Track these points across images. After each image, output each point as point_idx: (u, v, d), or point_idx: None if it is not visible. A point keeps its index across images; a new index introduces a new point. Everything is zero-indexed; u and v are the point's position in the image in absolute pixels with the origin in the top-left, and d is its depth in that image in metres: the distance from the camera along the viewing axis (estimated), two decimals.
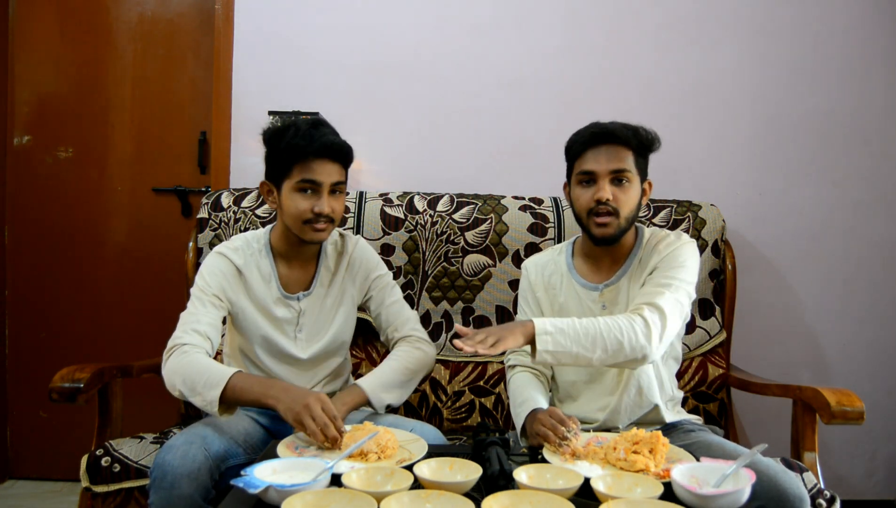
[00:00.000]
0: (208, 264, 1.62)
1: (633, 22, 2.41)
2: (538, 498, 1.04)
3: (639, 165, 1.55)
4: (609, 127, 1.53)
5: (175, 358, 1.45)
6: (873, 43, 2.43)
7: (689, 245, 1.57)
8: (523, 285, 1.74)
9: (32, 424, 2.58)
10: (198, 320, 1.52)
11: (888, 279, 2.46)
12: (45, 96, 2.55)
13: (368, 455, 1.25)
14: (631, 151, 1.53)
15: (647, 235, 1.64)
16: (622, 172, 1.52)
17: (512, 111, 2.41)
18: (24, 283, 2.56)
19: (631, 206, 1.54)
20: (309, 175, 1.52)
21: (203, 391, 1.38)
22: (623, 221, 1.53)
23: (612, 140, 1.52)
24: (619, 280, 1.60)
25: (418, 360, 1.64)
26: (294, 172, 1.53)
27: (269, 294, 1.62)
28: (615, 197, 1.51)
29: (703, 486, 1.11)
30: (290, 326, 1.64)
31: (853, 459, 2.48)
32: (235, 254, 1.62)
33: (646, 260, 1.59)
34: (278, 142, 1.54)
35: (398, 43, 2.40)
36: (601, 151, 1.52)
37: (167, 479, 1.29)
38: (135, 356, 2.00)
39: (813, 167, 2.44)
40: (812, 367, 2.47)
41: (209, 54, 2.45)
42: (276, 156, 1.56)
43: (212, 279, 1.58)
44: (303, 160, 1.52)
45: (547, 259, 1.73)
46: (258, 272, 1.62)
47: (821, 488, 1.60)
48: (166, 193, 2.53)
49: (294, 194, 1.54)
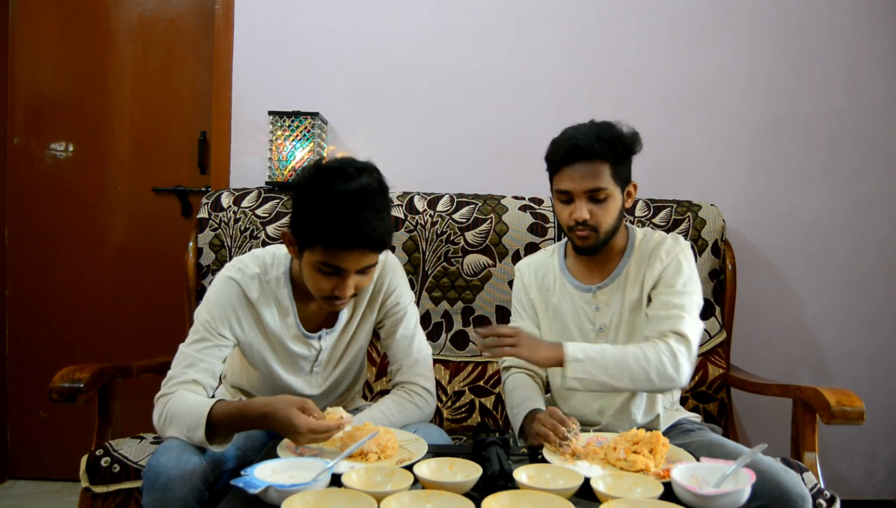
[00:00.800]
0: (218, 291, 1.45)
1: (633, 22, 2.41)
2: (538, 498, 1.04)
3: (618, 174, 1.51)
4: (581, 143, 1.48)
5: (157, 414, 1.36)
6: (873, 43, 2.43)
7: (687, 250, 1.58)
8: (517, 287, 1.74)
9: (32, 424, 2.58)
10: (191, 363, 1.39)
11: (888, 280, 2.46)
12: (45, 96, 2.55)
13: (368, 455, 1.24)
14: (607, 165, 1.49)
15: (639, 236, 1.63)
16: (598, 191, 1.49)
17: (512, 111, 2.41)
18: (24, 283, 2.56)
19: (610, 220, 1.53)
20: (334, 261, 1.31)
21: (191, 435, 1.30)
22: (602, 234, 1.53)
23: (585, 157, 1.48)
24: (612, 282, 1.60)
25: (410, 416, 1.51)
26: (317, 251, 1.31)
27: (285, 331, 1.48)
28: (593, 215, 1.50)
29: (703, 486, 1.11)
30: (305, 362, 1.53)
31: (853, 459, 2.48)
32: (251, 283, 1.45)
33: (641, 264, 1.58)
34: (306, 211, 1.31)
35: (398, 43, 2.40)
36: (576, 169, 1.49)
37: (160, 480, 1.26)
38: (135, 356, 2.00)
39: (813, 167, 2.44)
40: (812, 367, 2.47)
41: (209, 54, 2.45)
42: (301, 222, 1.32)
43: (218, 312, 1.43)
44: (330, 247, 1.30)
45: (540, 260, 1.73)
46: (275, 306, 1.47)
47: (821, 488, 1.60)
48: (166, 193, 2.53)
49: (315, 270, 1.34)
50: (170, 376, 1.40)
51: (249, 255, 1.51)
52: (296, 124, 2.24)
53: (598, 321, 1.61)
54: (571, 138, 1.50)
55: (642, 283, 1.57)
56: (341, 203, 1.27)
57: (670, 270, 1.54)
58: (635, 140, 1.53)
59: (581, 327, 1.63)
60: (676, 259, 1.55)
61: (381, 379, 2.07)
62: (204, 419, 1.28)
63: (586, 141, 1.48)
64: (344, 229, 1.27)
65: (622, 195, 1.54)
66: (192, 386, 1.37)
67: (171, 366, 1.41)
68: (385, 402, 1.52)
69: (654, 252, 1.57)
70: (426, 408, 1.55)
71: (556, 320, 1.66)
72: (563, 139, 1.53)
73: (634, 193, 1.59)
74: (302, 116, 2.24)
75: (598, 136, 1.48)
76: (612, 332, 1.60)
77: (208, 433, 1.29)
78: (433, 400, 1.58)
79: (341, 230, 1.27)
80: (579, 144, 1.48)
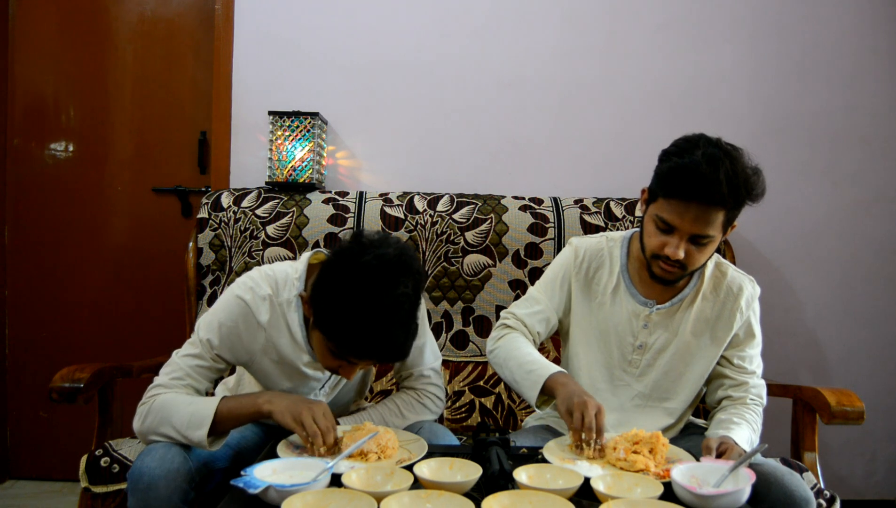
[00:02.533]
0: (226, 310, 1.37)
1: (632, 22, 2.41)
2: (538, 498, 1.04)
3: (728, 220, 1.36)
4: (710, 186, 1.29)
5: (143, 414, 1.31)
6: (873, 43, 2.43)
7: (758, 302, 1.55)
8: (563, 262, 1.59)
9: (32, 424, 2.58)
10: (182, 378, 1.35)
11: (888, 279, 2.46)
12: (45, 96, 2.55)
13: (368, 455, 1.24)
14: (724, 211, 1.33)
15: (710, 264, 1.52)
16: (705, 238, 1.35)
17: (512, 111, 2.41)
18: (24, 283, 2.56)
19: (703, 260, 1.42)
20: (348, 357, 1.27)
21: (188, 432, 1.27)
22: (689, 272, 1.43)
23: (707, 201, 1.30)
24: (672, 305, 1.51)
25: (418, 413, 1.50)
26: (333, 344, 1.25)
27: (297, 356, 1.41)
28: (688, 255, 1.37)
29: (703, 486, 1.11)
30: (317, 383, 1.49)
31: (853, 459, 2.48)
32: (262, 306, 1.37)
33: (712, 294, 1.51)
34: (332, 304, 1.21)
35: (398, 43, 2.40)
36: (691, 207, 1.31)
37: (143, 481, 1.24)
38: (135, 356, 2.00)
39: (813, 167, 2.44)
40: (812, 367, 2.47)
41: (209, 54, 2.45)
42: (324, 312, 1.23)
43: (223, 333, 1.36)
44: (348, 352, 1.25)
45: (599, 249, 1.57)
46: (287, 332, 1.39)
47: (821, 488, 1.60)
48: (166, 193, 2.53)
49: (325, 348, 1.28)
50: (156, 383, 1.36)
51: (262, 273, 1.41)
52: (296, 124, 2.24)
53: (641, 338, 1.51)
54: (700, 175, 1.29)
55: (712, 319, 1.50)
56: (371, 317, 1.18)
57: (749, 325, 1.52)
58: (761, 192, 1.36)
59: (621, 338, 1.53)
60: (757, 311, 1.53)
61: (380, 379, 2.07)
62: (210, 417, 1.27)
63: (715, 185, 1.29)
64: (367, 344, 1.21)
65: (723, 236, 1.42)
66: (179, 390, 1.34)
67: (160, 373, 1.37)
68: (394, 399, 1.53)
69: (730, 294, 1.50)
70: (434, 409, 1.55)
71: (596, 318, 1.55)
72: (688, 168, 1.31)
73: (731, 231, 1.43)
74: (302, 116, 2.24)
75: (729, 181, 1.29)
76: (652, 354, 1.52)
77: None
78: (440, 404, 1.57)
79: (364, 344, 1.21)
80: (707, 187, 1.29)
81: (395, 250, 1.23)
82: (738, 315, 1.50)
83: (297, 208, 2.14)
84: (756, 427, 1.46)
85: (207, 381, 1.40)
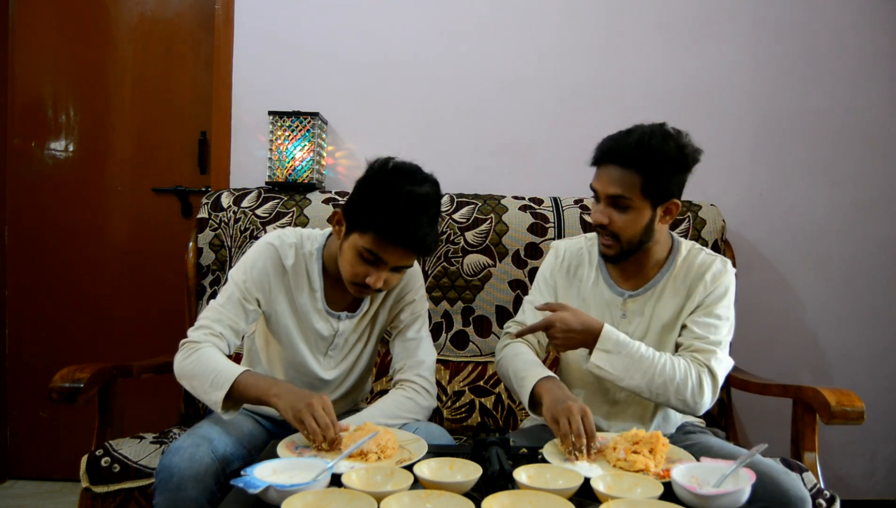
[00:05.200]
0: (257, 252, 1.52)
1: (632, 22, 2.41)
2: (538, 498, 1.04)
3: (651, 188, 1.40)
4: (615, 146, 1.41)
5: (183, 358, 1.41)
6: (874, 43, 2.43)
7: (732, 277, 1.53)
8: (548, 265, 1.66)
9: (32, 424, 2.58)
10: (219, 318, 1.46)
11: (888, 279, 2.46)
12: (45, 96, 2.55)
13: (368, 455, 1.24)
14: (639, 176, 1.39)
15: (683, 250, 1.55)
16: (619, 199, 1.42)
17: (512, 111, 2.41)
18: (24, 283, 2.56)
19: (633, 231, 1.44)
20: (379, 252, 1.38)
21: (209, 392, 1.35)
22: (625, 244, 1.46)
23: (617, 160, 1.41)
24: (644, 292, 1.54)
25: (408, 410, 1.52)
26: (367, 237, 1.37)
27: (311, 304, 1.54)
28: (612, 221, 1.44)
29: (703, 486, 1.11)
30: (322, 342, 1.57)
31: (853, 459, 2.48)
32: (288, 251, 1.52)
33: (680, 282, 1.52)
34: (370, 197, 1.38)
35: (398, 43, 2.40)
36: (606, 170, 1.43)
37: (173, 481, 1.28)
38: (135, 356, 2.00)
39: (813, 167, 2.44)
40: (812, 367, 2.47)
41: (209, 54, 2.45)
42: (361, 206, 1.39)
43: (254, 273, 1.49)
44: (382, 238, 1.36)
45: (579, 247, 1.64)
46: (306, 278, 1.53)
47: (821, 488, 1.60)
48: (166, 193, 2.53)
49: (356, 254, 1.40)
50: (198, 324, 1.46)
51: (287, 228, 1.59)
52: (296, 124, 2.24)
53: (621, 328, 1.52)
54: (613, 139, 1.44)
55: (681, 307, 1.51)
56: (406, 201, 1.35)
57: (714, 297, 1.48)
58: (683, 158, 1.42)
59: None
60: (723, 287, 1.50)
61: (381, 379, 2.07)
62: (230, 383, 1.34)
63: (624, 146, 1.40)
64: (401, 227, 1.35)
65: (654, 211, 1.44)
66: (218, 340, 1.44)
67: (200, 317, 1.48)
68: (384, 399, 1.53)
69: (698, 274, 1.51)
70: (424, 405, 1.55)
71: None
72: (608, 137, 1.46)
73: (675, 211, 1.47)
74: (302, 116, 2.24)
75: (640, 143, 1.39)
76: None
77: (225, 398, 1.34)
78: (432, 399, 1.58)
79: (398, 226, 1.35)
80: (615, 148, 1.41)
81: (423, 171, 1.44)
82: (702, 288, 1.50)
83: (297, 208, 2.14)
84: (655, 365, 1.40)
85: (244, 321, 1.49)
